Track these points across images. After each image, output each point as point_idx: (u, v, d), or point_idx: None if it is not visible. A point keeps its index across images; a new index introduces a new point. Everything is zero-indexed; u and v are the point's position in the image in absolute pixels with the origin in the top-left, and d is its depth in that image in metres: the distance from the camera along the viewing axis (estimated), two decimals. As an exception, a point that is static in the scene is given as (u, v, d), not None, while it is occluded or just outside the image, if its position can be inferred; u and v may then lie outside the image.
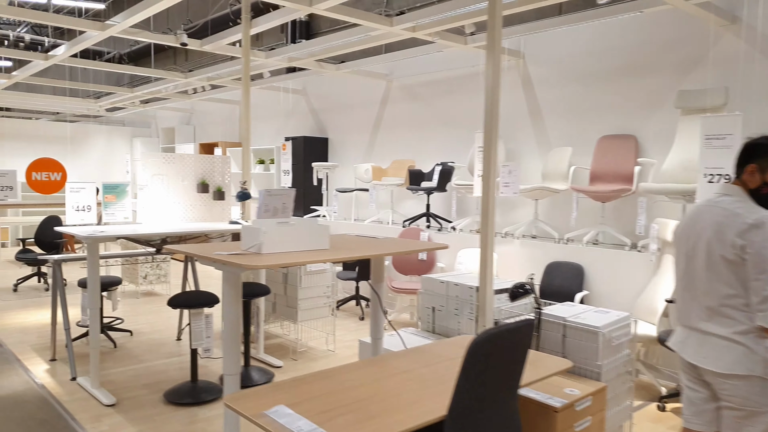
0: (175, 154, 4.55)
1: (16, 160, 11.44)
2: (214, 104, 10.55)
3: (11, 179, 5.71)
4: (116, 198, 4.21)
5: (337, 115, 8.05)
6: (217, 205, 4.77)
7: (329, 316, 4.79)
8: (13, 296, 6.79)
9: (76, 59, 6.57)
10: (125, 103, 10.29)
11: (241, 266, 2.19)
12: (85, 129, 12.27)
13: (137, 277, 6.78)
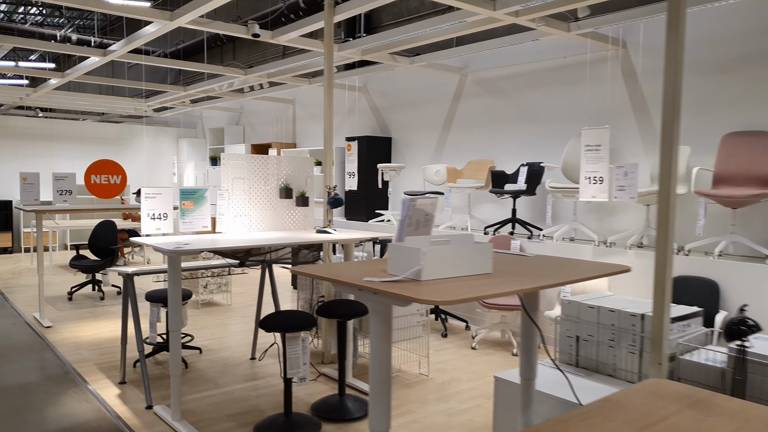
0: (259, 155, 4.10)
1: (65, 162, 11.24)
2: (265, 103, 10.16)
3: (71, 182, 5.36)
4: (194, 205, 3.77)
5: (401, 112, 7.55)
6: (300, 211, 4.30)
7: (422, 336, 4.27)
8: (68, 305, 6.45)
9: (135, 55, 6.21)
10: (174, 102, 9.97)
11: (414, 300, 1.68)
12: (130, 130, 12.02)
13: (197, 286, 6.37)
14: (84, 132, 11.46)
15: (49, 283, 7.73)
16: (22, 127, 10.81)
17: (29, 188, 5.23)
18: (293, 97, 9.55)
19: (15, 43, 5.61)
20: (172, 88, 8.42)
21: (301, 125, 9.42)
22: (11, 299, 6.69)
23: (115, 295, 7.03)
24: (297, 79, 7.54)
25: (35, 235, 10.64)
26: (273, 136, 10.07)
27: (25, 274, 8.39)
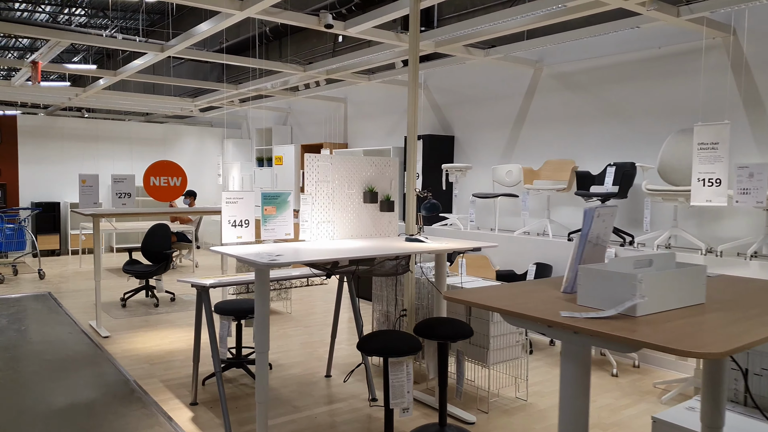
0: (342, 156, 3.72)
1: (110, 162, 11.11)
2: (315, 103, 9.83)
3: (129, 185, 5.08)
4: (276, 210, 3.41)
5: (465, 110, 7.12)
6: (384, 217, 3.91)
7: (521, 357, 3.84)
8: (123, 312, 6.19)
9: (195, 51, 5.92)
10: (222, 102, 9.71)
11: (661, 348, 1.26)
12: (175, 130, 11.84)
13: (256, 293, 6.04)
14: (129, 132, 11.31)
15: (100, 288, 7.51)
16: (69, 127, 10.70)
17: (88, 191, 4.97)
18: (345, 96, 9.20)
19: (72, 39, 5.36)
20: (223, 87, 8.14)
21: (353, 125, 9.06)
22: (64, 305, 6.47)
23: (169, 301, 6.76)
24: (356, 76, 7.17)
25: (83, 238, 10.52)
26: (323, 136, 9.74)
27: (75, 277, 8.21)
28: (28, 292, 7.17)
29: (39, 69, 6.25)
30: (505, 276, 5.35)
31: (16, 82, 8.05)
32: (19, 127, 10.23)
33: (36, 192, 10.40)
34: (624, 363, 4.65)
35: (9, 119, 10.15)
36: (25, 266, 9.00)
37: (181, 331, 5.45)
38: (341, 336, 5.33)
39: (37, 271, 8.42)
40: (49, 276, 8.28)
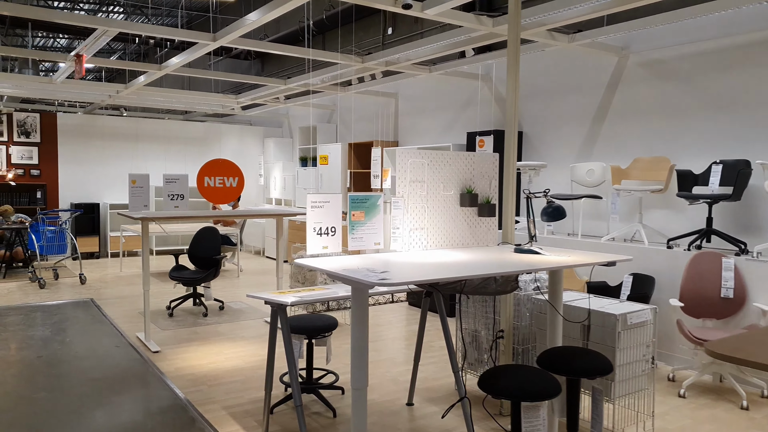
0: (437, 151, 3.19)
1: (150, 162, 10.78)
2: (362, 99, 9.34)
3: (183, 185, 4.63)
4: (365, 216, 2.90)
5: (534, 103, 6.53)
6: (483, 223, 3.36)
7: (646, 389, 3.25)
8: (170, 323, 5.77)
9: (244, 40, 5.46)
10: (266, 99, 9.28)
11: None
12: (216, 129, 11.47)
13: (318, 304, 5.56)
14: (169, 131, 10.97)
15: (144, 295, 7.12)
16: (108, 126, 10.41)
17: (138, 192, 4.54)
18: (396, 91, 8.68)
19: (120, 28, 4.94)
20: (270, 82, 7.69)
21: (404, 121, 8.54)
22: (108, 313, 6.08)
23: (218, 310, 6.32)
24: (416, 68, 6.64)
25: (123, 240, 10.20)
26: (371, 134, 9.23)
27: (116, 283, 7.85)
28: (70, 298, 6.81)
29: (83, 62, 5.87)
30: (597, 288, 4.76)
31: (57, 78, 7.72)
32: (59, 126, 9.97)
33: (75, 193, 10.13)
34: (752, 392, 4.02)
35: (49, 118, 9.89)
36: (65, 270, 8.70)
37: (237, 346, 4.99)
38: (409, 355, 4.81)
39: (78, 276, 8.09)
40: (90, 280, 7.94)
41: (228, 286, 7.68)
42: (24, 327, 5.47)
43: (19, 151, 9.64)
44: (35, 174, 9.77)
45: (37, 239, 7.55)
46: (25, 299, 6.70)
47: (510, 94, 3.50)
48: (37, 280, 7.50)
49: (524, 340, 3.64)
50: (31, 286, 7.44)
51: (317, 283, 5.46)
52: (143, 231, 4.76)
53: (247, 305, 6.57)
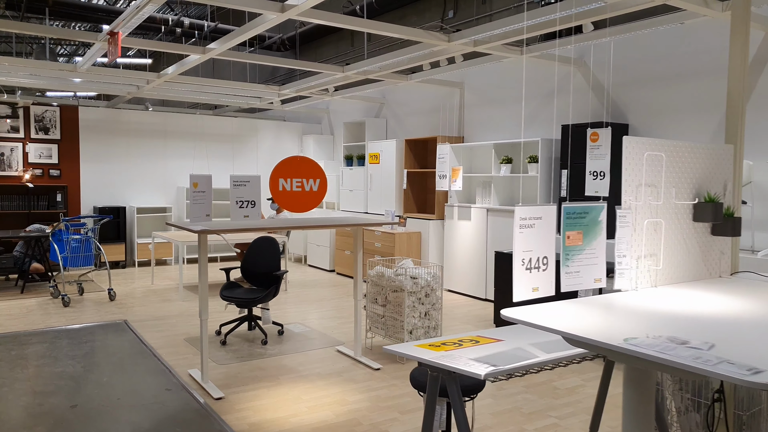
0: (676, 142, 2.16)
1: (180, 161, 9.83)
2: (421, 90, 8.34)
3: (254, 189, 3.62)
4: (582, 239, 1.89)
5: (647, 90, 5.49)
6: (714, 245, 2.34)
7: None
8: (226, 354, 4.78)
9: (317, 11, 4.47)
10: (312, 91, 8.30)
11: None
12: (251, 125, 10.50)
13: (400, 331, 4.55)
14: (200, 127, 10.02)
15: (184, 317, 6.15)
16: (134, 121, 9.46)
17: (201, 198, 3.56)
18: (461, 80, 7.66)
19: None
20: (328, 69, 6.70)
21: (471, 114, 7.52)
22: (147, 340, 5.11)
23: (276, 335, 5.33)
24: (507, 48, 5.61)
25: (151, 248, 9.24)
26: (429, 129, 8.22)
27: (148, 298, 6.88)
28: (100, 319, 5.85)
29: (119, 40, 4.90)
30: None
31: (82, 66, 6.77)
32: (80, 121, 9.03)
33: (98, 195, 9.19)
34: None
35: (70, 112, 8.95)
36: (90, 284, 7.74)
37: (316, 388, 4.00)
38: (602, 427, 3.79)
39: (107, 291, 7.14)
40: (119, 295, 6.98)
41: (277, 303, 6.70)
42: (49, 361, 4.50)
43: (37, 149, 8.71)
44: (55, 174, 8.84)
45: (60, 249, 6.60)
46: (47, 321, 5.75)
47: (737, 64, 2.48)
48: (61, 297, 6.55)
49: (747, 404, 2.62)
50: (53, 304, 6.49)
51: (405, 306, 4.46)
52: (201, 247, 3.78)
53: (309, 328, 5.59)
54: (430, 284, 4.58)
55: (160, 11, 13.12)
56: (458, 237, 7.13)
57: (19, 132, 8.58)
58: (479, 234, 6.81)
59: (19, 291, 7.12)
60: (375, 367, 4.35)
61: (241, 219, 3.65)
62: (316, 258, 9.36)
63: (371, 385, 4.00)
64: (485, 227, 6.72)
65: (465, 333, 2.35)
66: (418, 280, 4.54)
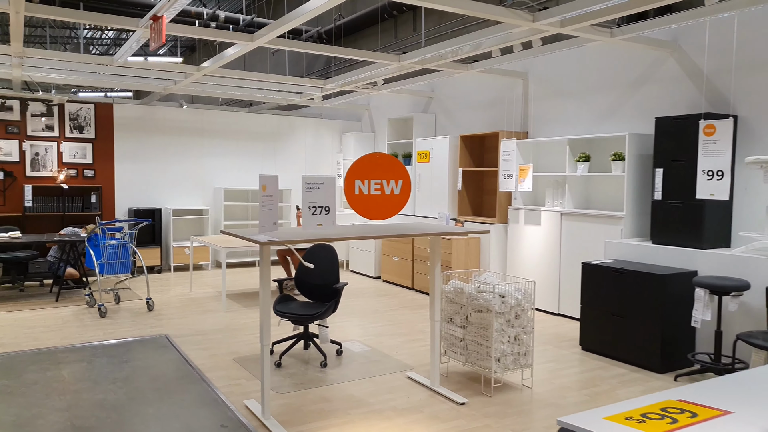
0: None
1: (219, 160, 9.35)
2: (478, 81, 7.70)
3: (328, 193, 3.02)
4: None
5: (761, 77, 4.78)
6: None
7: None
8: (283, 379, 4.21)
9: None
10: (358, 85, 7.72)
11: None
12: (289, 122, 9.97)
13: (486, 358, 3.93)
14: (237, 124, 9.52)
15: (230, 331, 5.62)
16: (169, 119, 9.00)
17: (269, 204, 2.98)
18: (526, 69, 7.01)
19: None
20: (383, 58, 6.10)
21: (537, 107, 6.86)
22: (192, 360, 4.58)
23: (335, 356, 4.76)
24: (595, 30, 4.95)
25: (187, 252, 8.78)
26: (486, 124, 7.58)
27: (188, 308, 6.38)
28: (139, 333, 5.36)
29: (163, 25, 4.38)
30: None
31: (119, 58, 6.29)
32: (115, 119, 8.60)
33: (133, 196, 8.75)
34: None
35: (105, 110, 8.52)
36: (127, 292, 7.28)
37: (396, 428, 3.40)
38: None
39: (144, 300, 6.66)
40: (156, 304, 6.49)
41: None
42: (88, 385, 4.00)
43: (72, 148, 8.30)
44: (89, 175, 8.42)
45: (96, 255, 6.13)
46: (84, 334, 5.27)
47: None
48: (97, 307, 6.08)
49: None
50: (88, 313, 6.03)
51: (493, 329, 3.85)
52: (263, 260, 3.21)
53: (368, 347, 5.01)
54: (520, 303, 3.96)
55: (194, 4, 12.70)
56: (525, 244, 6.48)
57: (54, 131, 8.17)
58: (551, 241, 6.15)
59: (54, 299, 6.69)
60: (459, 401, 3.74)
61: (314, 228, 3.08)
62: (359, 264, 8.78)
63: (462, 426, 3.39)
64: (558, 233, 6.06)
65: (662, 393, 1.72)
66: (506, 298, 3.92)
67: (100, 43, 18.86)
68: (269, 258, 3.32)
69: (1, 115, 7.85)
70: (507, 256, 6.77)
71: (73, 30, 16.82)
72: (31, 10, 4.59)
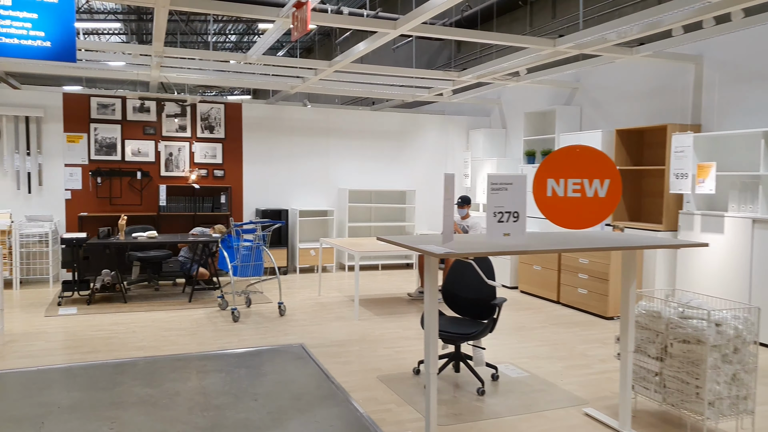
0: None
1: (344, 161, 9.09)
2: (630, 70, 6.79)
3: (517, 195, 2.43)
4: None
5: None
6: None
7: None
8: (447, 413, 3.69)
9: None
10: (496, 76, 7.07)
11: None
12: (413, 120, 9.52)
13: (693, 400, 3.16)
14: (360, 123, 9.21)
15: (368, 343, 5.21)
16: (295, 118, 8.86)
17: (450, 208, 2.45)
18: (700, 53, 6.02)
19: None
20: (535, 43, 5.43)
21: (715, 95, 5.86)
22: (334, 376, 4.18)
23: (490, 380, 4.17)
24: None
25: (313, 253, 8.58)
26: (645, 116, 6.64)
27: (320, 314, 6.07)
28: (274, 341, 5.08)
29: (308, 11, 4.02)
30: None
31: (254, 53, 6.11)
32: (243, 119, 8.57)
33: (260, 197, 8.69)
34: None
35: (234, 110, 8.52)
36: (257, 295, 7.14)
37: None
38: None
39: (277, 305, 6.45)
40: (287, 309, 6.25)
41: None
42: (230, 400, 3.70)
43: (202, 148, 8.36)
44: (219, 175, 8.45)
45: (230, 257, 5.98)
46: (218, 340, 5.08)
47: None
48: (231, 311, 5.93)
49: None
50: (221, 317, 5.88)
51: (707, 365, 3.08)
52: (429, 274, 2.70)
53: (526, 371, 4.37)
54: (740, 335, 3.16)
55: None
56: (701, 256, 5.52)
57: (186, 131, 8.27)
58: (739, 253, 5.16)
59: (186, 299, 6.66)
60: (666, 452, 3.01)
61: (500, 238, 2.52)
62: (492, 270, 8.12)
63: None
64: (749, 244, 5.06)
65: None
66: (722, 327, 3.13)
67: (223, 47, 19.56)
68: (437, 273, 2.80)
69: (140, 116, 8.05)
70: (677, 271, 5.83)
71: (201, 36, 17.53)
72: (176, 4, 4.42)
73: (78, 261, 6.46)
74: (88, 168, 7.82)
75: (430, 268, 2.76)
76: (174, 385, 3.98)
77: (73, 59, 4.14)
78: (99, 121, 7.85)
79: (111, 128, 7.90)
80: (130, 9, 14.25)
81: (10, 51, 4.00)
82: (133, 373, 4.21)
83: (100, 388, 3.89)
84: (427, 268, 2.74)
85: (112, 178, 7.92)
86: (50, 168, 7.67)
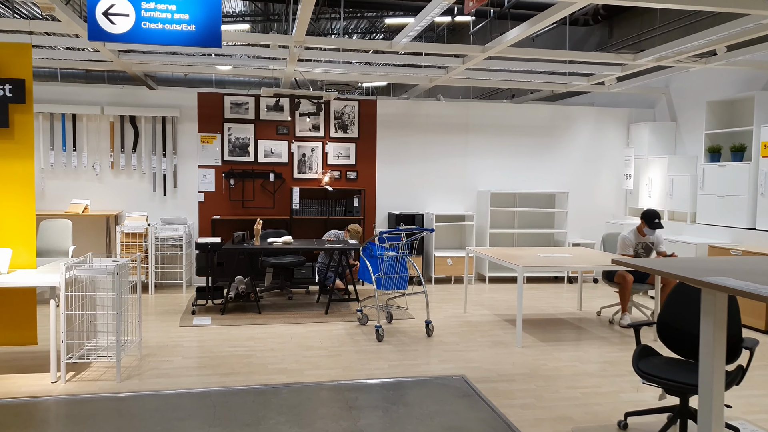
0: None
1: (484, 161, 8.24)
2: None
3: None
4: None
5: None
6: None
7: None
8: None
9: None
10: (680, 58, 5.88)
11: None
12: (565, 113, 8.45)
13: None
14: (502, 118, 8.29)
15: (543, 379, 4.32)
16: (431, 114, 8.12)
17: None
18: None
19: None
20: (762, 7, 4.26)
21: None
22: (516, 426, 3.34)
23: None
24: None
25: (449, 262, 7.80)
26: None
27: (473, 336, 5.25)
28: (428, 370, 4.33)
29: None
30: None
31: (400, 41, 5.44)
32: (378, 117, 7.98)
33: (393, 200, 8.05)
34: None
35: (368, 107, 7.96)
36: (397, 310, 6.47)
37: None
38: None
39: (424, 324, 5.73)
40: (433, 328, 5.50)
41: (665, 366, 4.48)
42: (398, 456, 2.98)
43: (335, 149, 7.86)
44: (351, 177, 7.91)
45: (374, 268, 5.34)
46: (366, 364, 4.42)
47: None
48: (375, 329, 5.28)
49: None
50: (363, 334, 5.25)
51: None
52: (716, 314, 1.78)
53: None
54: None
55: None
56: None
57: (320, 131, 7.81)
58: None
59: (322, 310, 6.13)
60: None
61: None
62: (664, 288, 6.88)
63: None
64: None
65: None
66: None
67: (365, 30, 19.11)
68: (725, 309, 1.88)
69: (273, 115, 7.70)
70: None
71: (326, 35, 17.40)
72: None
73: (212, 267, 6.14)
74: (221, 169, 7.59)
75: (715, 310, 1.83)
76: (326, 425, 3.34)
77: (218, 44, 3.65)
78: (232, 120, 7.59)
79: (244, 128, 7.62)
80: (257, 9, 14.30)
81: (154, 37, 3.58)
82: (278, 405, 3.63)
83: (243, 424, 3.34)
84: (711, 309, 1.81)
85: (244, 179, 7.63)
86: (184, 169, 7.51)
